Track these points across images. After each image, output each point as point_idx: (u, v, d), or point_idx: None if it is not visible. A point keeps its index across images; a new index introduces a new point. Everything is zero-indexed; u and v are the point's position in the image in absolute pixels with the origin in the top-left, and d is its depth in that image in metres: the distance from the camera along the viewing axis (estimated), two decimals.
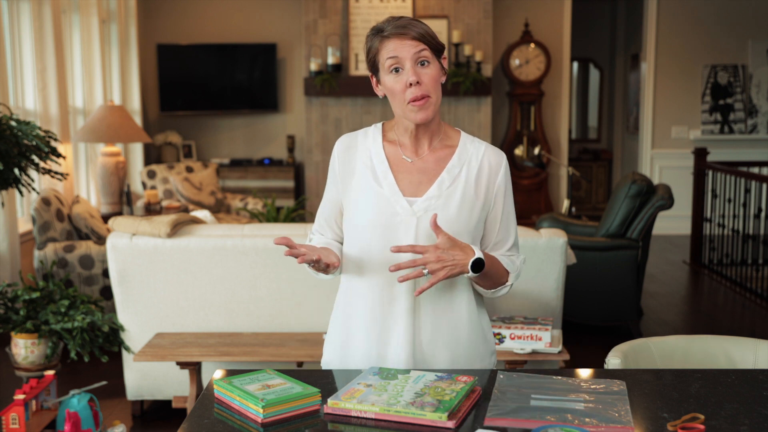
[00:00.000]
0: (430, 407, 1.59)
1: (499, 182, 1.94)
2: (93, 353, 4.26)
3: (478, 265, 1.81)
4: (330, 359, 2.01)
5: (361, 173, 1.93)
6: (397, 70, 1.85)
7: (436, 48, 1.87)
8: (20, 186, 3.84)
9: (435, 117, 1.91)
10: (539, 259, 3.64)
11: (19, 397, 3.09)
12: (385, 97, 1.92)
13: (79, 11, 6.44)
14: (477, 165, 1.93)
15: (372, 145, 1.95)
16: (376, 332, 1.91)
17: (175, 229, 3.65)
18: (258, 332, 3.65)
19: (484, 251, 1.90)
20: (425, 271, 1.78)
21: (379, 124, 2.00)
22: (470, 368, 1.95)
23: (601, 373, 1.90)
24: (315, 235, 2.04)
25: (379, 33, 1.87)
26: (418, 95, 1.84)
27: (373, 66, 1.90)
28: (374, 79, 1.92)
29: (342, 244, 2.01)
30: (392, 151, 1.94)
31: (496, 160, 1.95)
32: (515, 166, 8.43)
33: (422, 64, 1.85)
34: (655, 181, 8.66)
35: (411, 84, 1.83)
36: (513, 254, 2.00)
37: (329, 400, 1.65)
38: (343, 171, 1.95)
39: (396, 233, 1.87)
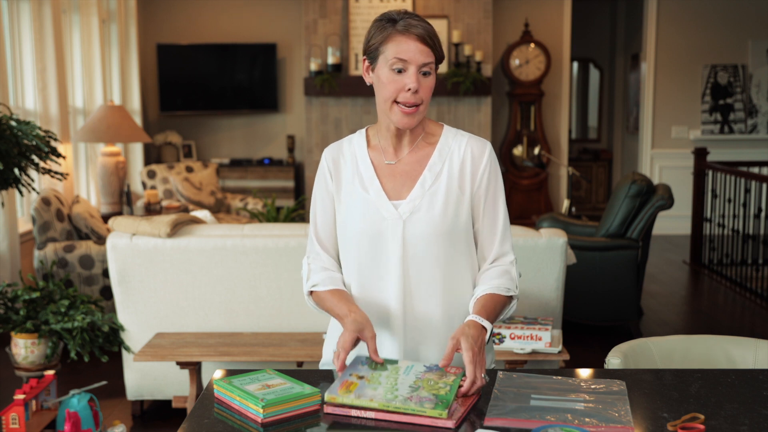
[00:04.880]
0: (429, 403, 1.60)
1: (482, 172, 1.91)
2: (93, 353, 4.26)
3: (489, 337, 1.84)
4: (327, 360, 2.02)
5: (349, 181, 1.93)
6: (399, 71, 1.83)
7: (440, 58, 1.86)
8: (20, 186, 3.84)
9: (421, 121, 1.90)
10: (539, 259, 3.64)
11: (19, 397, 3.09)
12: (371, 85, 1.91)
13: (79, 11, 6.44)
14: (460, 158, 1.91)
15: (357, 151, 1.95)
16: None
17: (175, 229, 3.65)
18: (258, 332, 3.65)
19: (483, 295, 1.87)
20: (485, 377, 1.73)
21: (363, 130, 1.99)
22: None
23: (601, 373, 1.90)
24: (312, 262, 1.98)
25: (389, 23, 1.84)
26: (412, 102, 1.83)
27: (373, 54, 1.86)
28: (366, 64, 1.89)
29: (338, 261, 2.00)
30: (376, 155, 1.94)
31: (479, 149, 1.93)
32: (515, 166, 8.43)
33: (425, 74, 1.84)
34: (655, 181, 8.66)
35: (410, 89, 1.82)
36: (504, 253, 1.95)
37: (326, 395, 1.65)
38: (335, 181, 1.95)
39: (384, 238, 1.88)
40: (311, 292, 1.96)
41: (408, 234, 1.87)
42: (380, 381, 1.69)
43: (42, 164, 4.19)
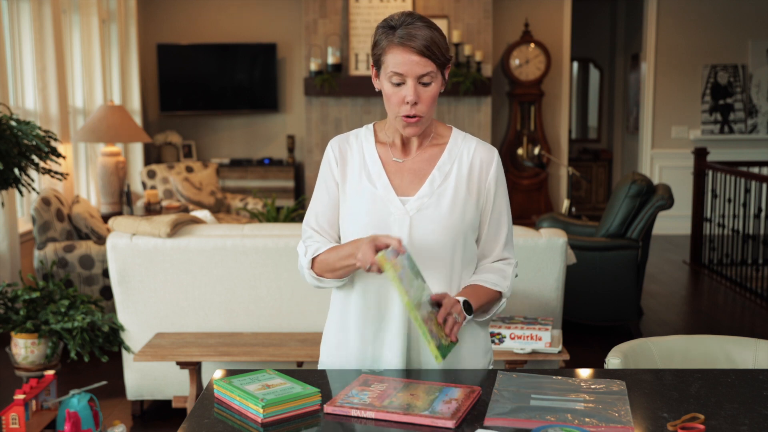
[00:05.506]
0: (435, 340, 1.72)
1: (491, 178, 1.94)
2: (93, 353, 4.26)
3: (468, 306, 1.86)
4: (326, 359, 2.02)
5: (356, 174, 1.93)
6: (398, 84, 1.84)
7: (442, 63, 1.85)
8: (20, 186, 3.84)
9: (427, 125, 1.92)
10: (539, 259, 3.64)
11: (19, 397, 3.09)
12: (380, 90, 1.91)
13: (79, 11, 6.44)
14: (468, 161, 1.93)
15: (365, 145, 1.96)
16: (371, 333, 1.92)
17: (175, 229, 3.65)
18: (258, 332, 3.65)
19: (470, 284, 1.92)
20: (457, 318, 1.81)
21: (371, 126, 2.00)
22: (465, 368, 1.95)
23: (601, 373, 1.91)
24: (309, 242, 1.96)
25: (389, 31, 1.83)
26: (411, 113, 1.84)
27: (377, 62, 1.88)
28: (374, 70, 1.91)
29: None
30: (384, 151, 1.95)
31: (488, 155, 1.95)
32: (515, 166, 8.43)
33: (425, 85, 1.84)
34: (655, 181, 8.66)
35: (408, 102, 1.83)
36: (505, 258, 1.99)
37: (379, 255, 1.71)
38: (340, 170, 1.95)
39: (389, 233, 1.88)
40: (313, 263, 1.91)
41: (414, 230, 1.87)
42: (413, 284, 1.74)
43: (42, 164, 4.20)
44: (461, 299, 1.85)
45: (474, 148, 1.95)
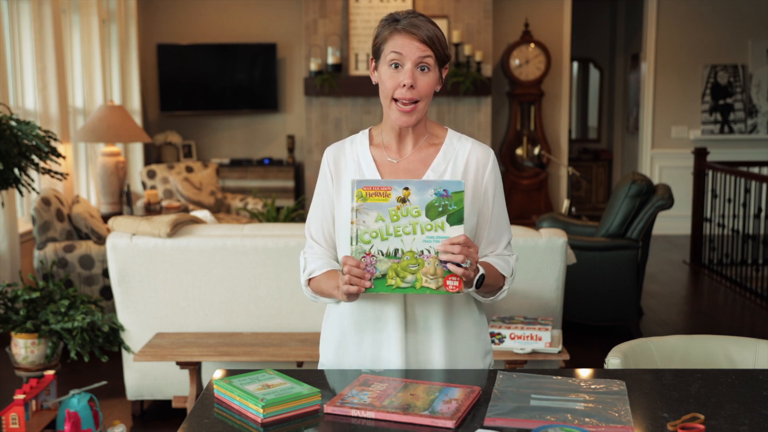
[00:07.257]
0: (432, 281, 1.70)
1: (487, 179, 1.93)
2: (93, 353, 4.26)
3: (480, 280, 1.80)
4: (326, 360, 2.01)
5: (350, 180, 1.93)
6: (396, 66, 1.84)
7: (441, 57, 1.86)
8: (20, 186, 3.84)
9: (420, 120, 1.91)
10: (539, 259, 3.64)
11: (19, 397, 3.09)
12: (377, 85, 1.92)
13: (79, 11, 6.44)
14: (464, 162, 1.92)
15: (359, 150, 1.95)
16: (370, 334, 1.92)
17: (175, 229, 3.65)
18: (258, 332, 3.65)
19: (482, 262, 1.89)
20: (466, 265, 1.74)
21: (366, 130, 2.00)
22: (465, 368, 1.95)
23: (601, 373, 1.91)
24: (309, 255, 1.97)
25: (392, 23, 1.86)
26: (407, 98, 1.84)
27: (377, 52, 1.89)
28: (373, 64, 1.92)
29: (335, 256, 1.99)
30: (378, 154, 1.94)
31: (484, 156, 1.94)
32: (515, 166, 8.43)
33: (422, 70, 1.84)
34: (655, 181, 8.66)
35: (404, 85, 1.83)
36: (507, 254, 1.99)
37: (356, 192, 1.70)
38: (336, 179, 1.95)
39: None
40: (309, 282, 1.95)
41: None
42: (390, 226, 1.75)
43: (42, 164, 4.19)
44: (481, 272, 1.79)
45: (469, 148, 1.94)
